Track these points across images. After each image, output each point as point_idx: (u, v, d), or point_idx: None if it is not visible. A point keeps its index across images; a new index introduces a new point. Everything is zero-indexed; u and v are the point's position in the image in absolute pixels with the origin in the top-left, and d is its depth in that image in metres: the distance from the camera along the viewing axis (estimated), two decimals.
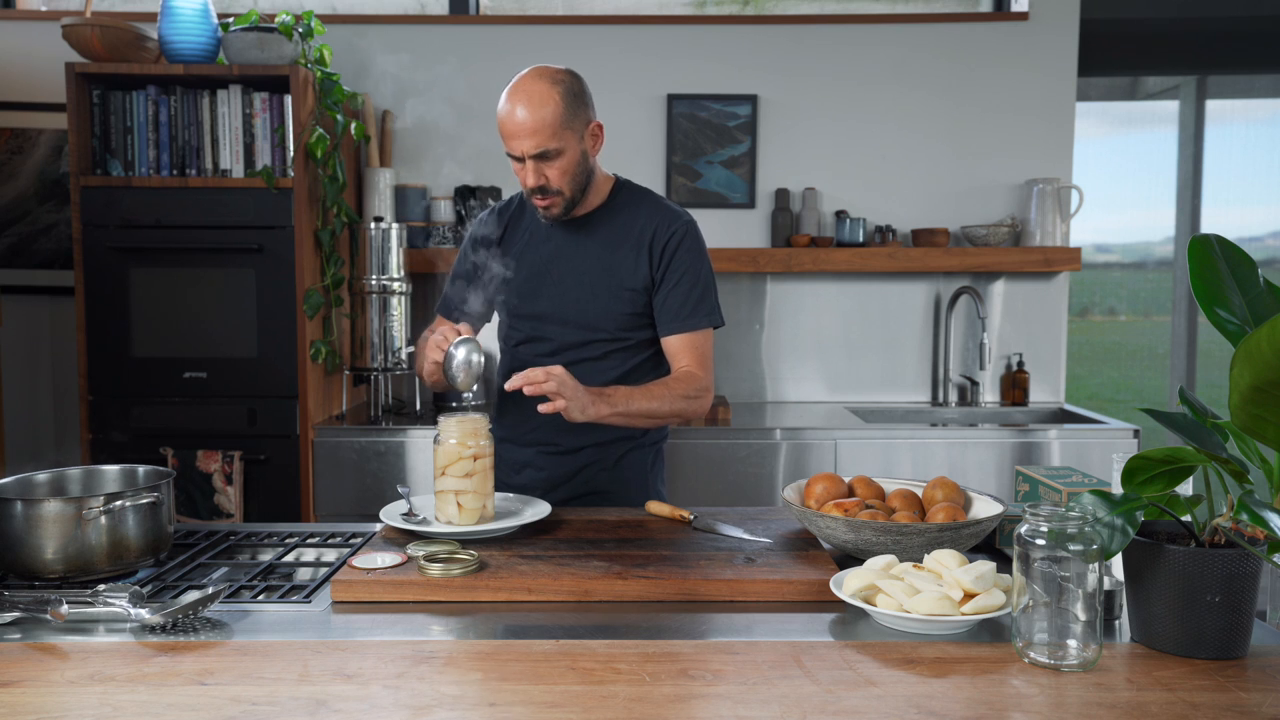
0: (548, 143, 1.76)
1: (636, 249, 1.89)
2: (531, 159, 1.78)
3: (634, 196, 1.95)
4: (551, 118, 1.75)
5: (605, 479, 1.95)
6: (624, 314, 1.89)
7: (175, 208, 2.81)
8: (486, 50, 3.32)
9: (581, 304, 1.89)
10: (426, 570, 1.39)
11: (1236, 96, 3.69)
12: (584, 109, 1.81)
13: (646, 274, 1.89)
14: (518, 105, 1.75)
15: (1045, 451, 2.87)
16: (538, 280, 1.92)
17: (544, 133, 1.75)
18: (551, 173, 1.80)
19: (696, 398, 1.85)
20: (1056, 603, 1.12)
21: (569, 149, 1.79)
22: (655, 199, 1.96)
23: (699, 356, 1.89)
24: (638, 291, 1.89)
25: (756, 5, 3.47)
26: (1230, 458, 1.13)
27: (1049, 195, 3.25)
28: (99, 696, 1.04)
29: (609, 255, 1.89)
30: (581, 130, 1.81)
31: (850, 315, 3.39)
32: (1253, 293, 1.15)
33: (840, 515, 1.45)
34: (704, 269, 1.92)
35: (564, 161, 1.79)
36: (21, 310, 3.31)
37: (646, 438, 1.99)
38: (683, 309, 1.88)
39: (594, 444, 1.93)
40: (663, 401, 1.80)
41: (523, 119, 1.75)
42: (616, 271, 1.88)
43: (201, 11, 2.83)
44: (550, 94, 1.75)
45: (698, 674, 1.09)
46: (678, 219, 1.92)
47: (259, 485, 2.85)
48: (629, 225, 1.90)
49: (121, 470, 1.59)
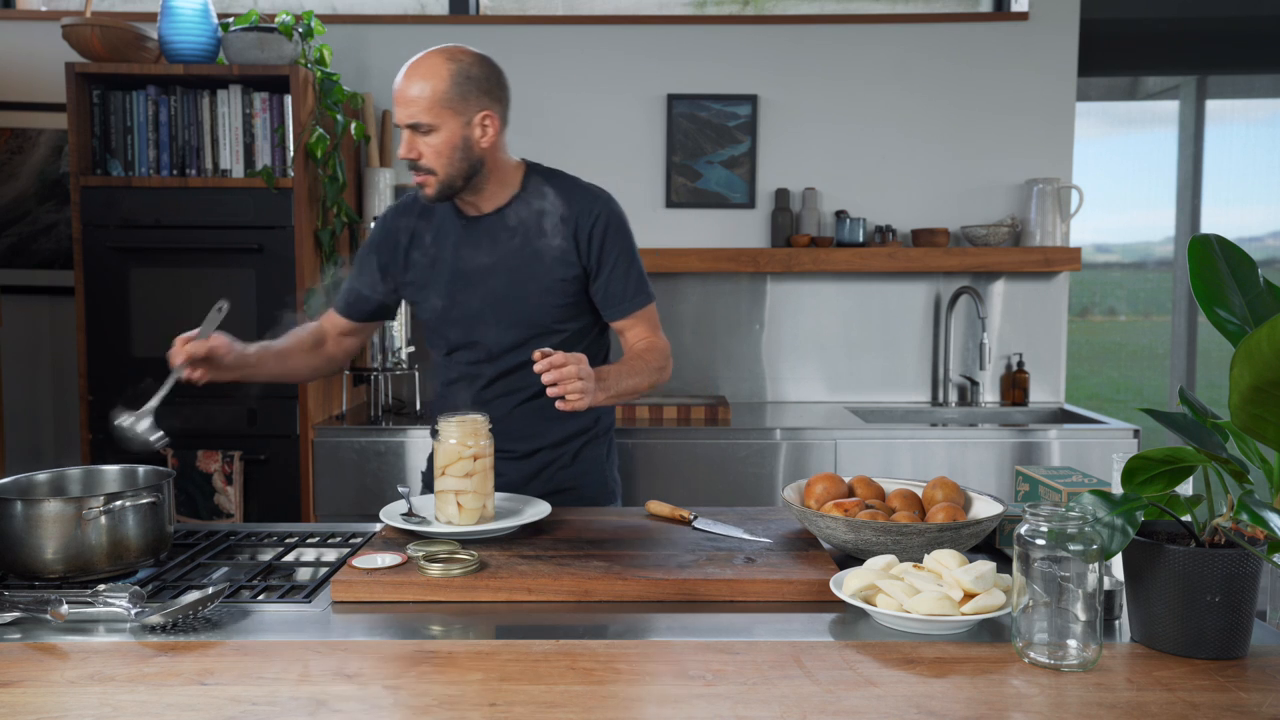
0: (420, 116, 1.74)
1: (560, 237, 1.84)
2: (407, 128, 1.76)
3: (546, 182, 1.89)
4: (431, 92, 1.73)
5: (565, 476, 1.93)
6: (557, 305, 1.85)
7: (175, 208, 2.81)
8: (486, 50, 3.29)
9: (511, 300, 1.84)
10: (426, 570, 1.39)
11: (1236, 96, 3.69)
12: (475, 95, 1.77)
13: (576, 262, 1.84)
14: (406, 73, 1.75)
15: (1045, 451, 2.87)
16: (460, 280, 1.86)
17: (419, 104, 1.73)
18: (425, 149, 1.76)
19: (665, 366, 1.86)
20: (1056, 603, 1.12)
21: (445, 128, 1.75)
22: (570, 182, 1.91)
23: (651, 326, 1.90)
24: (569, 281, 1.84)
25: (756, 5, 3.47)
26: (1230, 458, 1.13)
27: (1049, 195, 3.25)
28: (99, 696, 1.04)
29: (533, 246, 1.84)
30: (469, 115, 1.76)
31: (850, 315, 3.39)
32: (1253, 293, 1.15)
33: (840, 515, 1.45)
34: (634, 248, 1.90)
35: (438, 140, 1.75)
36: (21, 310, 3.31)
37: (598, 426, 1.97)
38: (625, 291, 1.87)
39: (549, 445, 1.91)
40: (642, 376, 1.80)
41: (403, 87, 1.74)
42: (543, 261, 1.83)
43: (201, 11, 2.83)
44: (440, 69, 1.74)
45: (698, 674, 1.09)
46: (598, 201, 1.87)
47: (259, 485, 2.85)
48: (549, 213, 1.85)
49: (121, 470, 1.59)
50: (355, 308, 1.98)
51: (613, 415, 2.03)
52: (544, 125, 3.31)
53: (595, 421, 1.96)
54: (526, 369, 1.84)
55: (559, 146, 3.28)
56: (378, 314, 2.00)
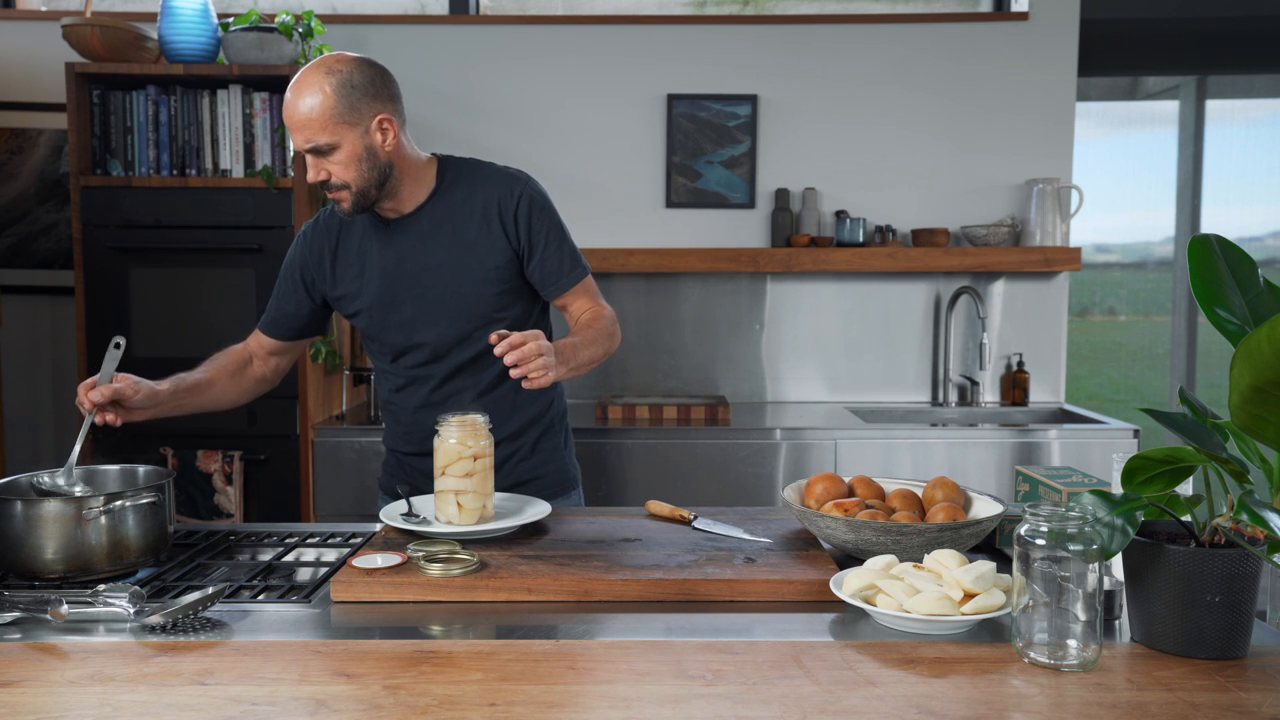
0: (317, 137, 1.69)
1: (486, 225, 1.81)
2: (308, 153, 1.72)
3: (462, 172, 1.86)
4: (320, 111, 1.67)
5: (526, 468, 1.91)
6: (493, 294, 1.82)
7: (175, 208, 2.81)
8: (486, 50, 3.32)
9: (448, 297, 1.81)
10: (426, 570, 1.39)
11: (1236, 96, 3.69)
12: (365, 101, 1.70)
13: (506, 247, 1.82)
14: (290, 97, 1.70)
15: (1045, 451, 2.87)
16: (392, 286, 1.83)
17: (312, 125, 1.68)
18: (332, 167, 1.72)
19: (615, 333, 1.84)
20: (1056, 603, 1.12)
21: (345, 143, 1.70)
22: (485, 168, 1.87)
23: (593, 296, 1.89)
24: (502, 268, 1.82)
25: (756, 5, 3.47)
26: (1230, 458, 1.13)
27: (1049, 195, 3.25)
28: (99, 696, 1.04)
29: (460, 238, 1.81)
30: (364, 123, 1.71)
31: (850, 315, 3.39)
32: (1253, 293, 1.15)
33: (840, 515, 1.45)
34: (561, 224, 1.87)
35: (342, 155, 1.70)
36: (21, 310, 3.31)
37: (551, 413, 1.95)
38: (561, 268, 1.85)
39: (508, 436, 1.88)
40: (596, 346, 1.78)
41: (291, 112, 1.69)
42: (473, 253, 1.81)
43: (201, 11, 2.83)
44: (323, 85, 1.67)
45: (697, 674, 1.09)
46: (516, 183, 1.84)
47: (259, 485, 2.85)
48: (468, 203, 1.82)
49: (121, 470, 1.59)
50: (281, 326, 1.94)
51: (564, 402, 2.01)
52: (544, 125, 3.31)
53: (549, 407, 1.94)
54: (476, 364, 1.84)
55: (559, 146, 3.28)
56: (305, 331, 1.97)
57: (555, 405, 1.97)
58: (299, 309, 1.92)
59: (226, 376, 1.92)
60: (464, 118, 3.30)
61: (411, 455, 1.93)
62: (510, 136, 3.28)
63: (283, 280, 1.94)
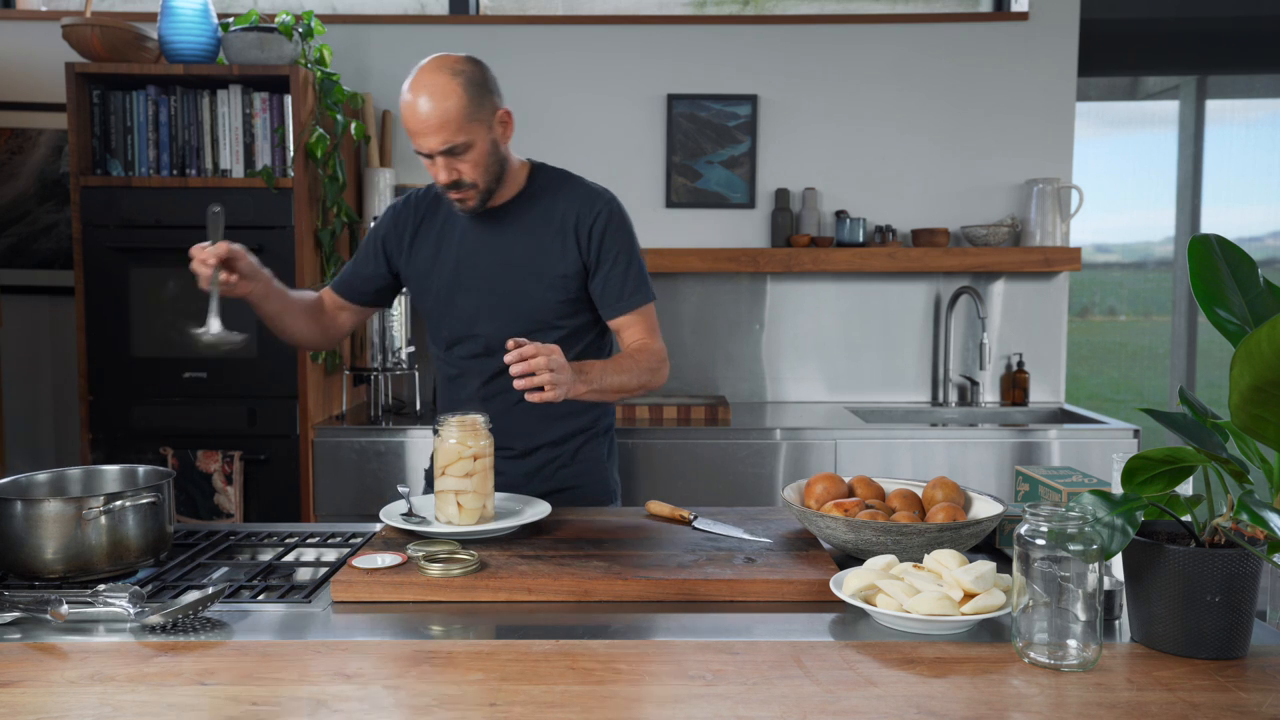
0: (454, 138, 1.72)
1: (562, 234, 1.85)
2: (440, 155, 1.74)
3: (552, 181, 1.90)
4: (455, 112, 1.70)
5: (565, 475, 1.93)
6: (558, 301, 1.86)
7: (175, 208, 2.81)
8: (487, 50, 3.30)
9: (512, 296, 1.85)
10: (426, 570, 1.39)
11: (1236, 96, 3.69)
12: (489, 97, 1.76)
13: (577, 259, 1.85)
14: (419, 99, 1.70)
15: (1045, 451, 2.87)
16: (462, 275, 1.87)
17: (449, 128, 1.71)
18: (463, 167, 1.75)
19: (658, 369, 1.84)
20: (1056, 603, 1.12)
21: (478, 141, 1.74)
22: (574, 181, 1.91)
23: (648, 327, 1.89)
24: (569, 277, 1.85)
25: (756, 5, 3.47)
26: (1230, 458, 1.13)
27: (1049, 195, 3.25)
28: (99, 696, 1.04)
29: (534, 242, 1.85)
30: (489, 120, 1.76)
31: (850, 315, 3.39)
32: (1253, 293, 1.15)
33: (840, 515, 1.45)
34: (635, 247, 1.89)
35: (474, 154, 1.75)
36: (21, 310, 3.31)
37: (598, 426, 1.96)
38: (624, 289, 1.86)
39: (549, 442, 1.91)
40: (631, 375, 1.78)
41: (426, 115, 1.70)
42: (545, 258, 1.84)
43: (201, 11, 2.83)
44: (451, 86, 1.70)
45: (698, 674, 1.09)
46: (599, 199, 1.88)
47: (259, 485, 2.85)
48: (550, 210, 1.86)
49: (121, 470, 1.59)
50: (352, 287, 1.99)
51: (612, 415, 2.03)
52: (544, 125, 3.31)
53: (595, 421, 1.96)
54: None
55: (559, 146, 3.28)
56: (372, 297, 2.01)
57: (602, 419, 1.98)
58: (374, 273, 1.97)
59: (304, 305, 1.95)
60: None
61: None
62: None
63: (365, 245, 2.00)
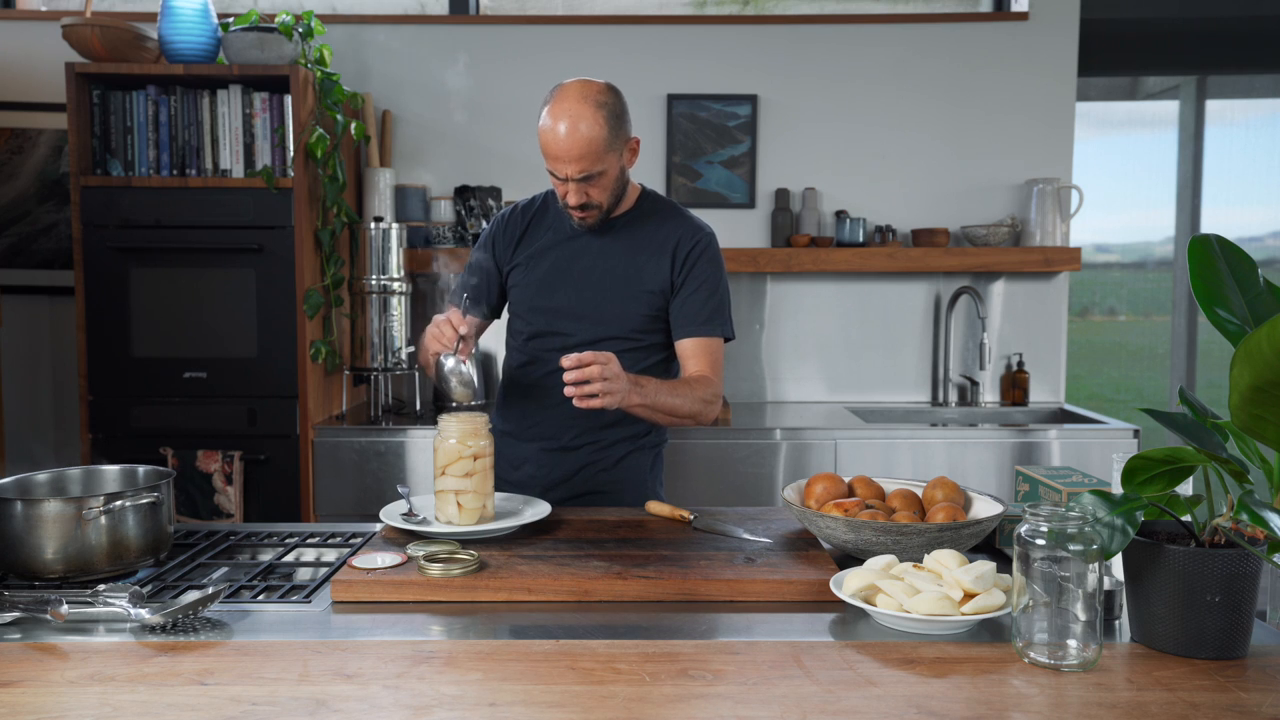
0: (592, 167, 1.79)
1: (659, 254, 1.92)
2: (575, 181, 1.80)
3: (660, 206, 1.99)
4: (599, 144, 1.77)
5: (604, 479, 1.95)
6: (640, 315, 1.91)
7: (175, 208, 2.81)
8: (487, 50, 3.32)
9: (600, 302, 1.91)
10: (426, 570, 1.39)
11: (1236, 96, 3.69)
12: (625, 127, 1.84)
13: (667, 278, 1.91)
14: (561, 127, 1.76)
15: (1045, 451, 2.87)
16: (558, 276, 1.94)
17: (589, 159, 1.77)
18: (594, 191, 1.83)
19: (711, 402, 1.87)
20: (1056, 603, 1.12)
21: (610, 168, 1.82)
22: (681, 211, 2.00)
23: (712, 362, 1.92)
24: (656, 294, 1.91)
25: (756, 5, 3.47)
26: (1230, 458, 1.13)
27: (1049, 195, 3.25)
28: (99, 696, 1.04)
29: (631, 258, 1.92)
30: (622, 149, 1.84)
31: (850, 315, 3.39)
32: (1253, 293, 1.15)
33: (840, 515, 1.45)
34: (722, 281, 1.95)
35: (605, 180, 1.83)
36: (21, 310, 3.31)
37: (648, 439, 1.99)
38: (700, 314, 1.91)
39: (594, 443, 1.94)
40: (684, 400, 1.82)
41: (569, 145, 1.76)
42: (638, 274, 1.91)
43: (201, 11, 2.83)
44: (596, 119, 1.76)
45: (698, 674, 1.09)
46: (701, 230, 1.96)
47: (259, 485, 2.85)
48: (654, 233, 1.94)
49: (121, 470, 1.59)
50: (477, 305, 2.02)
51: (665, 431, 2.04)
52: None
53: (648, 432, 1.99)
54: None
55: None
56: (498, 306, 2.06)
57: (655, 431, 2.01)
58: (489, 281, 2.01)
59: None
60: (465, 117, 3.30)
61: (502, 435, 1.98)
62: (511, 136, 3.28)
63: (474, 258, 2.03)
